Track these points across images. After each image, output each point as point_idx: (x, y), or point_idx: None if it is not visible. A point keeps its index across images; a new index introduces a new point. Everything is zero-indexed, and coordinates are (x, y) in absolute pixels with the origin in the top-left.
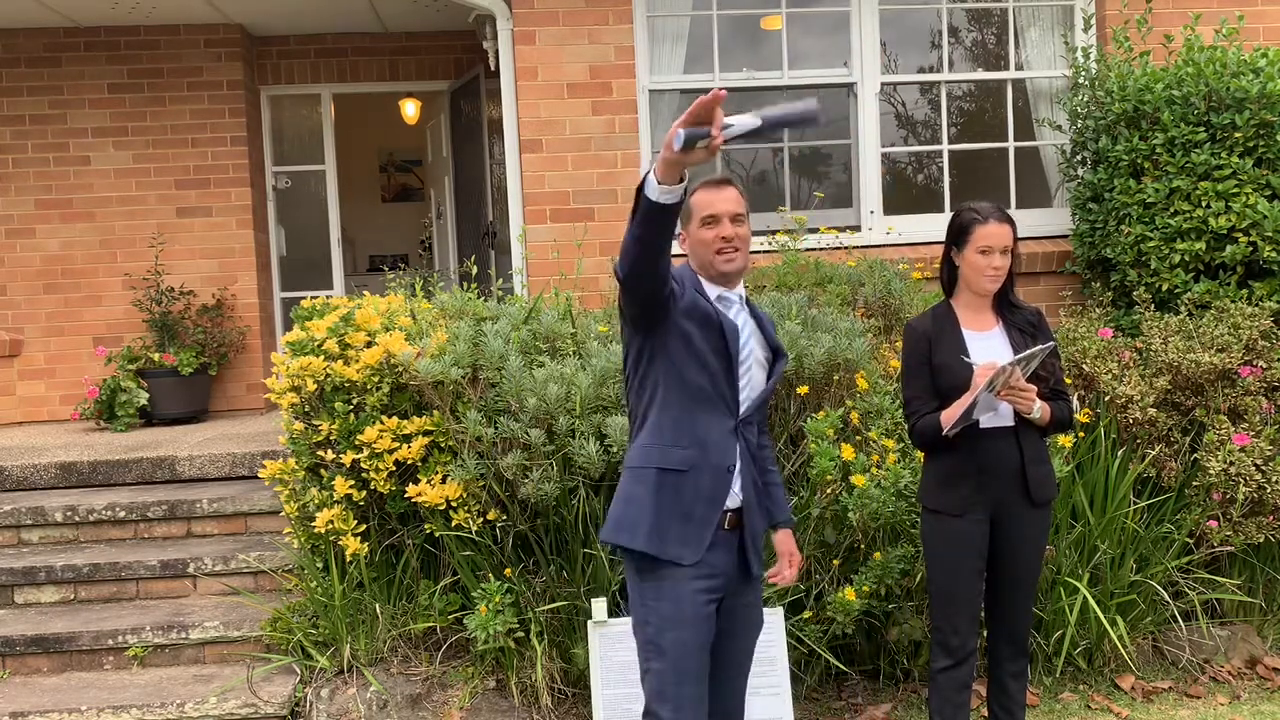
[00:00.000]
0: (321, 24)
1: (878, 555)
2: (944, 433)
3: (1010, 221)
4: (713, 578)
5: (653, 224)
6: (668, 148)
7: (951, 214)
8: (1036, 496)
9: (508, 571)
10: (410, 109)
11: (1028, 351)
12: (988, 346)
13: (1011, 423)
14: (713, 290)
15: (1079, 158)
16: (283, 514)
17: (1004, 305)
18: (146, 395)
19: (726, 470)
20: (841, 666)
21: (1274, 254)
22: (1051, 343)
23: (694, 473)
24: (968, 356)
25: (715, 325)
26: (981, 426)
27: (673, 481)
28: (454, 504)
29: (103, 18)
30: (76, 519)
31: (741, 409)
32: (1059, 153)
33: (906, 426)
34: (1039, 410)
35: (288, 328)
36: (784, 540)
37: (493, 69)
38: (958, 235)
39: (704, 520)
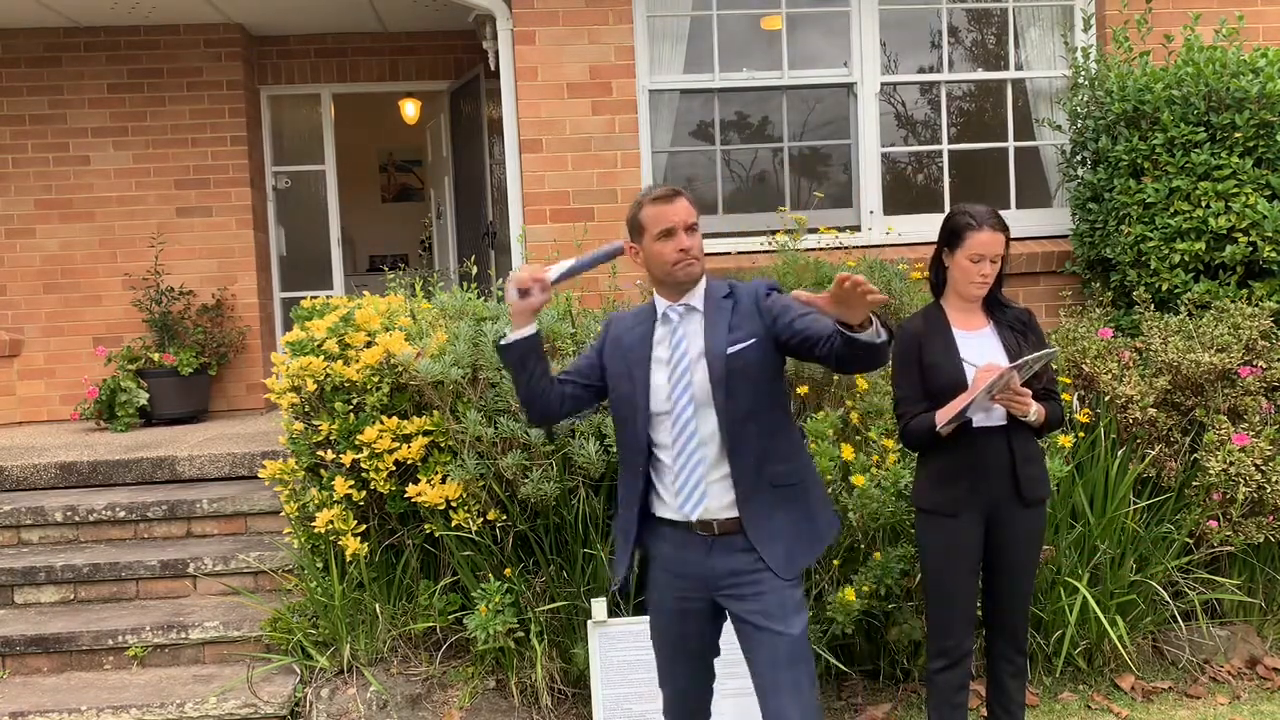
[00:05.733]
0: (321, 24)
1: (877, 555)
2: (938, 428)
3: (1004, 228)
4: (682, 577)
5: (509, 362)
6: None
7: (946, 215)
8: (1028, 496)
9: (508, 571)
10: (410, 109)
11: (1029, 357)
12: (980, 346)
13: (1004, 422)
14: (662, 304)
15: (1079, 158)
16: (283, 514)
17: (993, 305)
18: (146, 395)
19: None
20: (841, 666)
21: (1274, 254)
22: (1054, 349)
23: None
24: (969, 360)
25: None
26: (974, 426)
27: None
28: (454, 504)
29: (103, 18)
30: (76, 519)
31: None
32: (1059, 153)
33: (898, 428)
34: (1035, 414)
35: (288, 328)
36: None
37: (493, 69)
38: (950, 238)
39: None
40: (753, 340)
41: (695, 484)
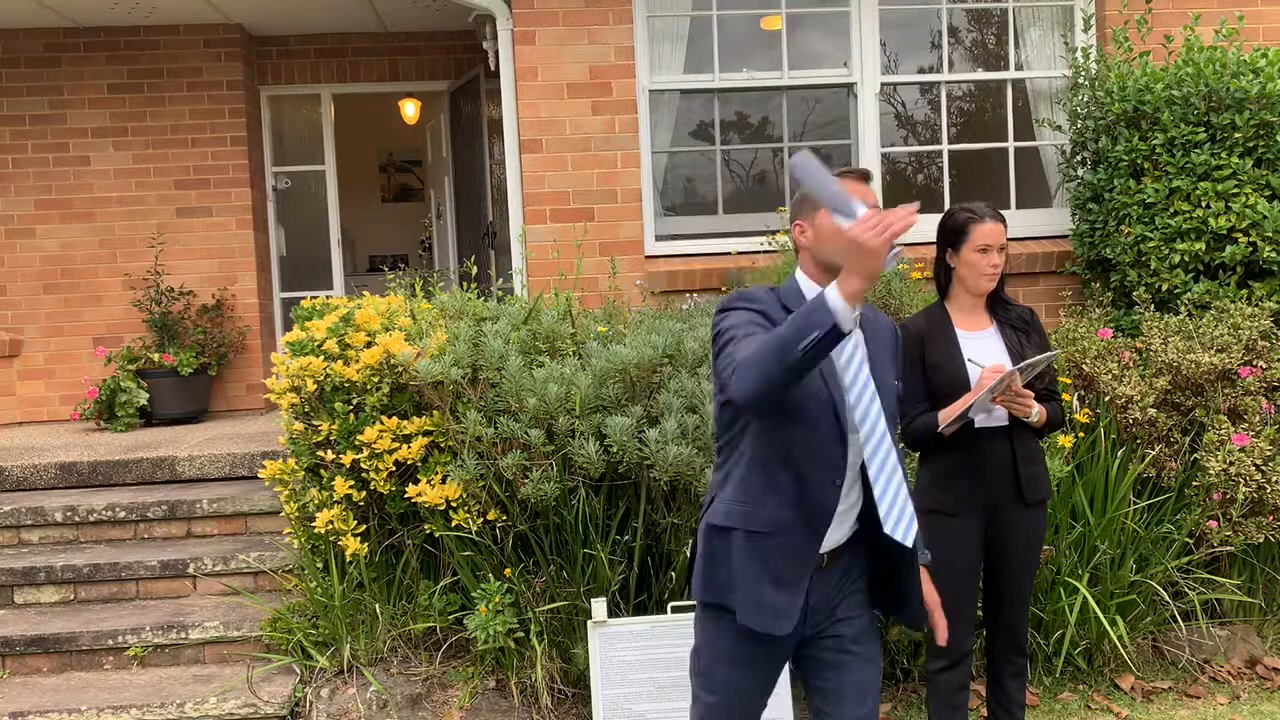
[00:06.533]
0: (321, 24)
1: None
2: (940, 430)
3: (1002, 219)
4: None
5: (824, 353)
6: (866, 274)
7: (943, 215)
8: (1029, 496)
9: (508, 572)
10: (410, 109)
11: (1032, 359)
12: (983, 346)
13: (1006, 422)
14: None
15: (1079, 158)
16: (283, 514)
17: (996, 304)
18: (146, 395)
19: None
20: None
21: (1274, 254)
22: (1056, 351)
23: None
24: (973, 359)
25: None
26: (976, 426)
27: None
28: (454, 504)
29: (103, 18)
30: (76, 519)
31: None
32: (1059, 153)
33: (900, 427)
34: (1036, 414)
35: (288, 328)
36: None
37: (493, 69)
38: (954, 236)
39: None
40: (899, 381)
41: (904, 505)
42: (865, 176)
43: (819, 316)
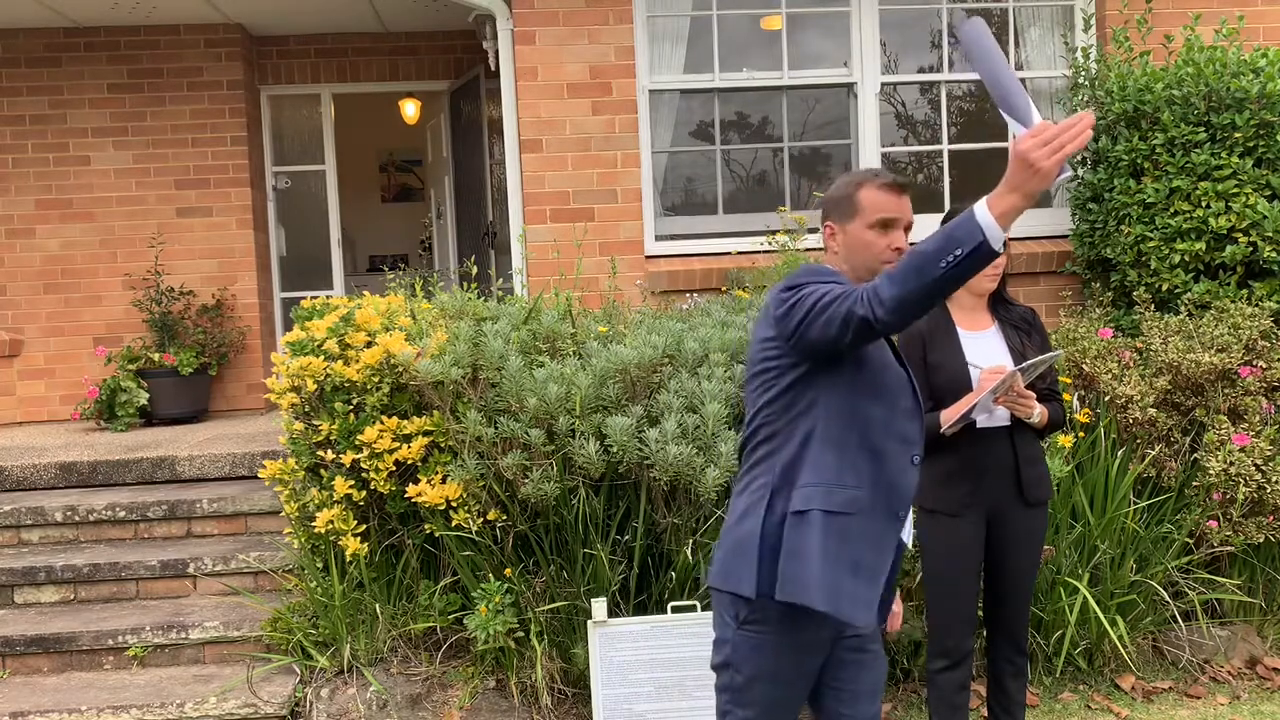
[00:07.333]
0: (321, 24)
1: None
2: (942, 431)
3: None
4: (826, 625)
5: (966, 273)
6: (1028, 194)
7: (944, 216)
8: (1030, 496)
9: (508, 571)
10: (410, 109)
11: (1033, 360)
12: (984, 346)
13: (1007, 423)
14: None
15: (1079, 158)
16: (283, 514)
17: (997, 304)
18: (146, 395)
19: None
20: None
21: (1274, 254)
22: (1059, 352)
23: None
24: (974, 363)
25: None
26: (978, 427)
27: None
28: (454, 504)
29: (103, 18)
30: (76, 519)
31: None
32: None
33: None
34: (1038, 415)
35: (288, 328)
36: None
37: (493, 69)
38: None
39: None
40: None
41: None
42: (903, 188)
43: (965, 232)
